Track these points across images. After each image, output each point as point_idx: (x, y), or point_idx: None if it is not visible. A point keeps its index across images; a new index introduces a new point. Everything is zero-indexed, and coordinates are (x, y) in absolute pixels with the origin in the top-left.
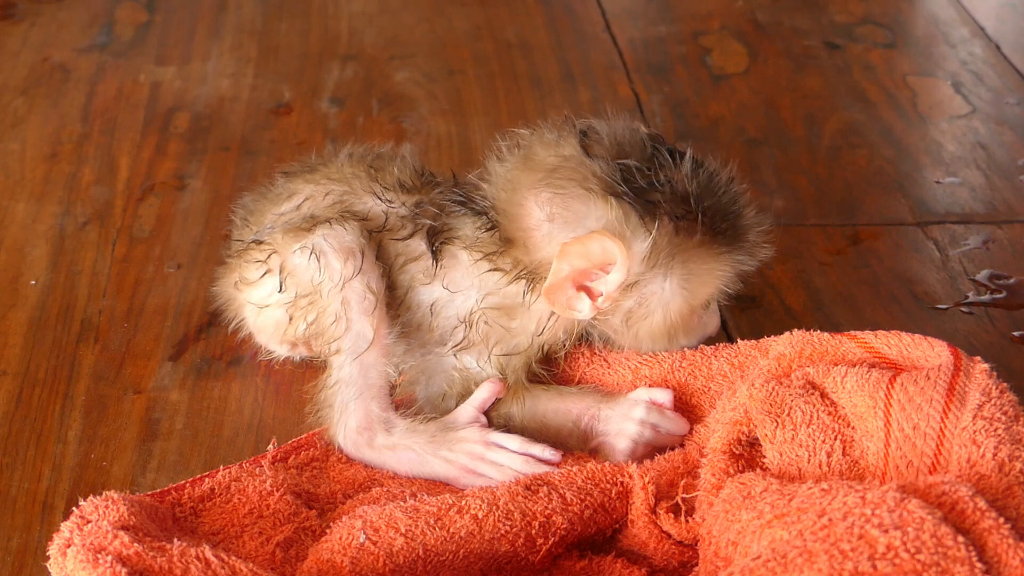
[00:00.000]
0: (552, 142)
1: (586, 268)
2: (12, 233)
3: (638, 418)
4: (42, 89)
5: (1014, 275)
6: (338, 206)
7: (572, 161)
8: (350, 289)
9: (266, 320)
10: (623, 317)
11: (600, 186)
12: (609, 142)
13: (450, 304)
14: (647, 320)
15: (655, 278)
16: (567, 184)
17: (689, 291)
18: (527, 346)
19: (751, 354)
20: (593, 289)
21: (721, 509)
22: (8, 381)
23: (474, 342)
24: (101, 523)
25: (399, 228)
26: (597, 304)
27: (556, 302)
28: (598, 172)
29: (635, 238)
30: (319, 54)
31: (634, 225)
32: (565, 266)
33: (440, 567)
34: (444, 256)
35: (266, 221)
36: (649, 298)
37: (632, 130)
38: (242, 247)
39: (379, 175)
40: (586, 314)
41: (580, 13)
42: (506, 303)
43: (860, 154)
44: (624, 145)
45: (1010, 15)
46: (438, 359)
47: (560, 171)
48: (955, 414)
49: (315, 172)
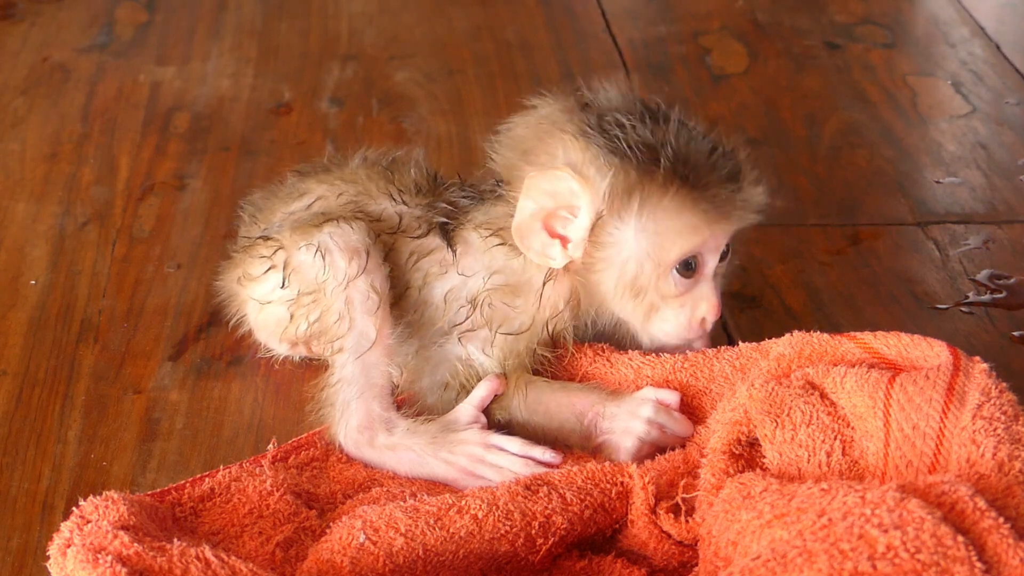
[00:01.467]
0: (555, 100)
1: (553, 208)
2: (12, 233)
3: (646, 417)
4: (42, 89)
5: (1014, 275)
6: (351, 206)
7: (563, 111)
8: (354, 288)
9: (267, 317)
10: (592, 268)
11: (572, 128)
12: (603, 99)
13: (462, 288)
14: (612, 270)
15: (622, 224)
16: (549, 128)
17: (658, 243)
18: (530, 325)
19: (752, 356)
20: (565, 236)
21: (721, 509)
22: (8, 381)
23: (478, 325)
24: (101, 523)
25: (414, 228)
26: (568, 252)
27: (529, 247)
28: (576, 118)
29: (598, 176)
30: (319, 54)
31: (598, 164)
32: (530, 203)
33: (440, 567)
34: (457, 243)
35: (275, 219)
36: (617, 245)
37: (631, 94)
38: (248, 243)
39: (396, 177)
40: (559, 261)
41: (580, 13)
42: (511, 280)
43: (860, 154)
44: (614, 100)
45: (1010, 15)
46: (441, 348)
47: (547, 118)
48: (954, 414)
49: (328, 173)
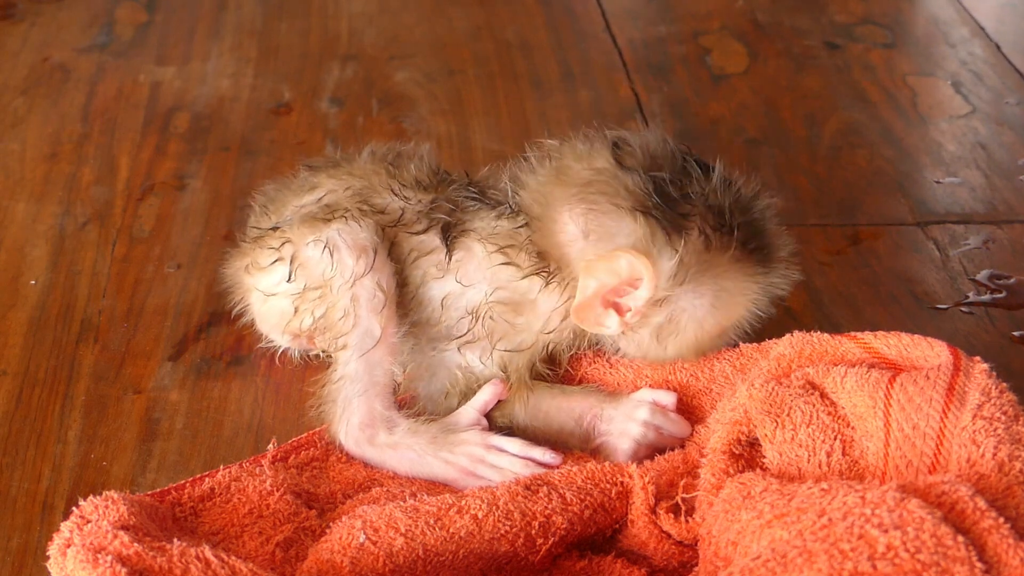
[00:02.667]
0: (585, 154)
1: (615, 285)
2: (12, 233)
3: (642, 419)
4: (42, 89)
5: (1014, 275)
6: (357, 199)
7: (605, 174)
8: (360, 286)
9: (271, 309)
10: (653, 332)
11: (630, 201)
12: (641, 153)
13: (461, 298)
14: (677, 336)
15: (685, 294)
16: (599, 199)
17: (721, 310)
18: (531, 343)
19: (753, 356)
20: (621, 305)
21: (721, 509)
22: (8, 381)
23: (478, 336)
24: (101, 523)
25: (415, 223)
26: (626, 319)
27: (585, 319)
28: (630, 186)
29: (662, 255)
30: (319, 54)
31: (661, 242)
32: (592, 282)
33: (440, 567)
34: (458, 249)
35: (286, 212)
36: (680, 315)
37: (663, 141)
38: (258, 233)
39: (398, 172)
40: (614, 330)
41: (580, 13)
42: (515, 298)
43: (860, 154)
44: (656, 157)
45: (1010, 15)
46: (441, 356)
47: (593, 185)
48: (955, 414)
49: (338, 168)
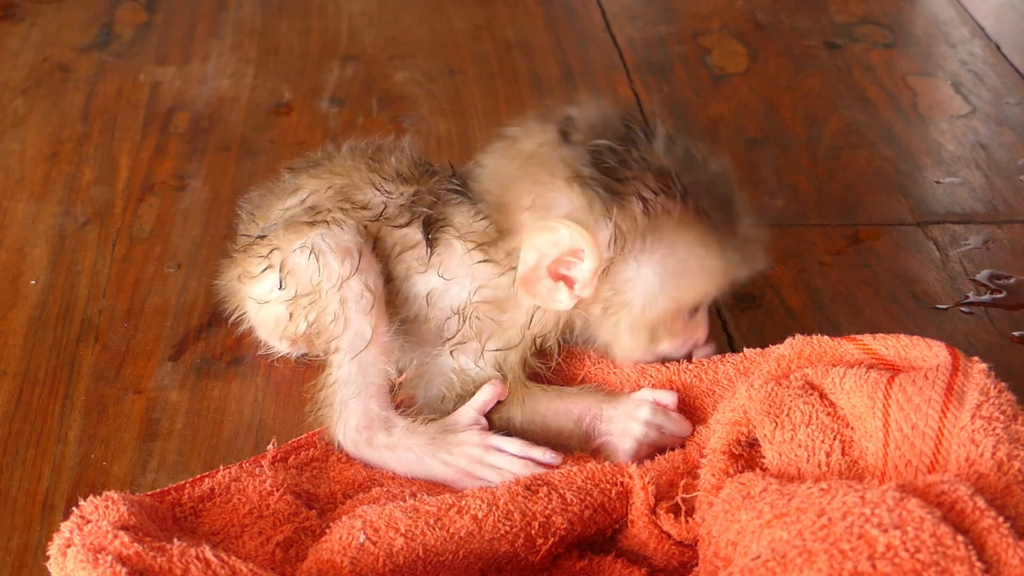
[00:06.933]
0: (535, 131)
1: (557, 256)
2: (12, 233)
3: (643, 419)
4: (42, 89)
5: (1014, 275)
6: (339, 197)
7: (546, 148)
8: (348, 288)
9: (266, 316)
10: (602, 306)
11: (565, 172)
12: (585, 126)
13: (445, 294)
14: (626, 310)
15: (629, 264)
16: (538, 171)
17: (672, 282)
18: (519, 340)
19: (757, 361)
20: (570, 278)
21: (721, 509)
22: (8, 381)
23: (468, 337)
24: (101, 523)
25: (397, 216)
26: (575, 293)
27: (535, 294)
28: (566, 157)
29: (599, 224)
30: (319, 54)
31: (599, 211)
32: (532, 253)
33: (440, 567)
34: (439, 244)
35: (272, 216)
36: (626, 286)
37: (606, 111)
38: (247, 242)
39: (378, 166)
40: (566, 304)
41: (580, 13)
42: (498, 295)
43: (860, 154)
44: (598, 127)
45: (1010, 15)
46: (436, 361)
47: (535, 158)
48: (953, 414)
49: (319, 167)
